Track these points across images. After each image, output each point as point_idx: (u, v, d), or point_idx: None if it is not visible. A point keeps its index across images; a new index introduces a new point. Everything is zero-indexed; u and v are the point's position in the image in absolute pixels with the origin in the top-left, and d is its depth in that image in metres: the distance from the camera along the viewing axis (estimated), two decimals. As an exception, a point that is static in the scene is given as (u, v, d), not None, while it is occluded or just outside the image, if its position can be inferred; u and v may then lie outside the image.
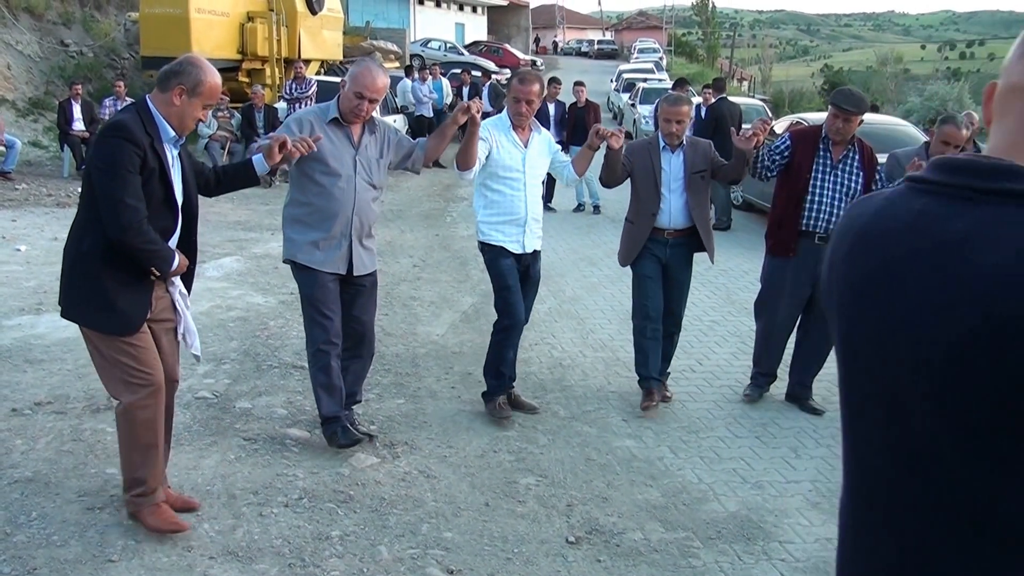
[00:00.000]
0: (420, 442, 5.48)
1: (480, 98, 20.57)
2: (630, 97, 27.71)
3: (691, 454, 5.50)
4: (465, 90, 21.87)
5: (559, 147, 6.15)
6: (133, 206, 3.87)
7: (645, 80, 30.36)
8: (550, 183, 14.35)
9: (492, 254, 5.79)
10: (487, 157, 5.62)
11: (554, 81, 15.34)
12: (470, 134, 5.33)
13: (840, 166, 5.96)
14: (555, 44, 76.23)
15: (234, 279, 9.26)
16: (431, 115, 20.56)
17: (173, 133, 4.07)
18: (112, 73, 22.11)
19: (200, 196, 4.43)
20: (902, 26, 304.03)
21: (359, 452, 5.24)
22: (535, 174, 5.83)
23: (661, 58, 55.64)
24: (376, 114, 5.24)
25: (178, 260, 4.13)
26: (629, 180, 6.12)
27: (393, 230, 12.54)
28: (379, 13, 43.03)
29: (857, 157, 5.99)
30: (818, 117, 13.97)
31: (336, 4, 24.45)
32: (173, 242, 4.14)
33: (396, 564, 4.16)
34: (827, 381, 6.37)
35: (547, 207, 14.46)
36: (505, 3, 62.33)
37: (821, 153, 5.99)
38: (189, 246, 4.30)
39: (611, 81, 37.39)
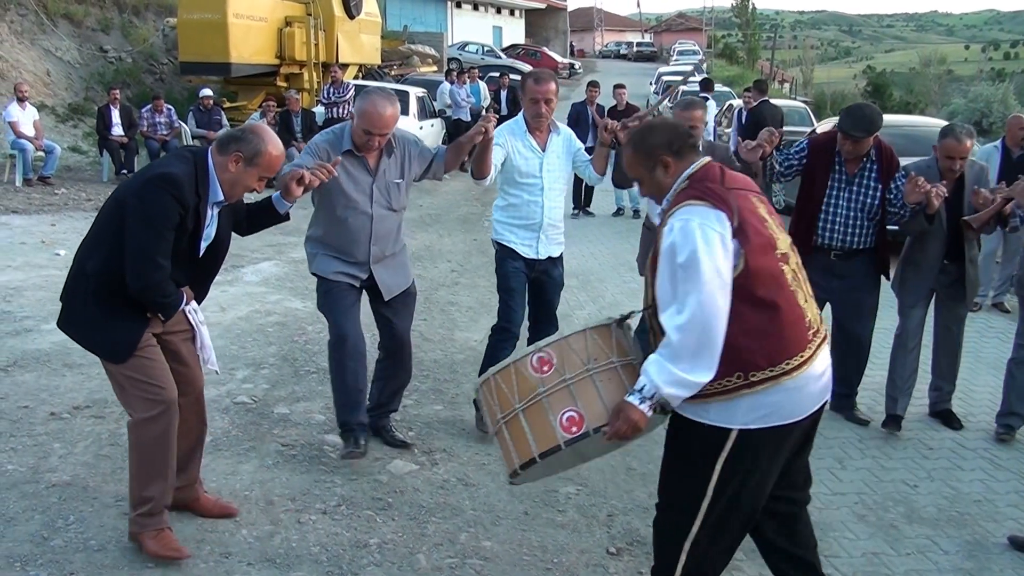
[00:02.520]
0: (458, 449, 5.43)
1: (501, 105, 20.52)
2: (669, 100, 27.56)
3: (734, 463, 5.38)
4: (503, 93, 21.86)
5: (581, 145, 5.92)
6: (162, 265, 3.80)
7: (685, 82, 30.16)
8: (588, 188, 14.26)
9: (502, 254, 5.67)
10: (503, 163, 5.48)
11: (593, 85, 15.24)
12: (483, 146, 5.16)
13: (857, 180, 5.72)
14: (571, 49, 74.36)
15: (272, 284, 9.27)
16: (469, 119, 20.52)
17: (222, 197, 3.97)
18: (151, 78, 22.34)
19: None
20: (945, 26, 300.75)
21: (397, 459, 5.21)
22: (555, 178, 5.63)
23: (701, 60, 55.35)
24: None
25: (184, 300, 4.08)
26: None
27: (431, 234, 12.52)
28: (417, 17, 43.23)
29: (875, 168, 5.71)
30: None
31: (374, 8, 24.55)
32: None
33: (434, 573, 4.12)
34: (871, 391, 6.25)
35: (586, 212, 14.43)
36: (543, 6, 62.33)
37: (836, 167, 5.75)
38: (203, 287, 4.26)
39: (650, 84, 37.26)
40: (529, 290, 5.75)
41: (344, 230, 4.98)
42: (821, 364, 3.18)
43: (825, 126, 14.33)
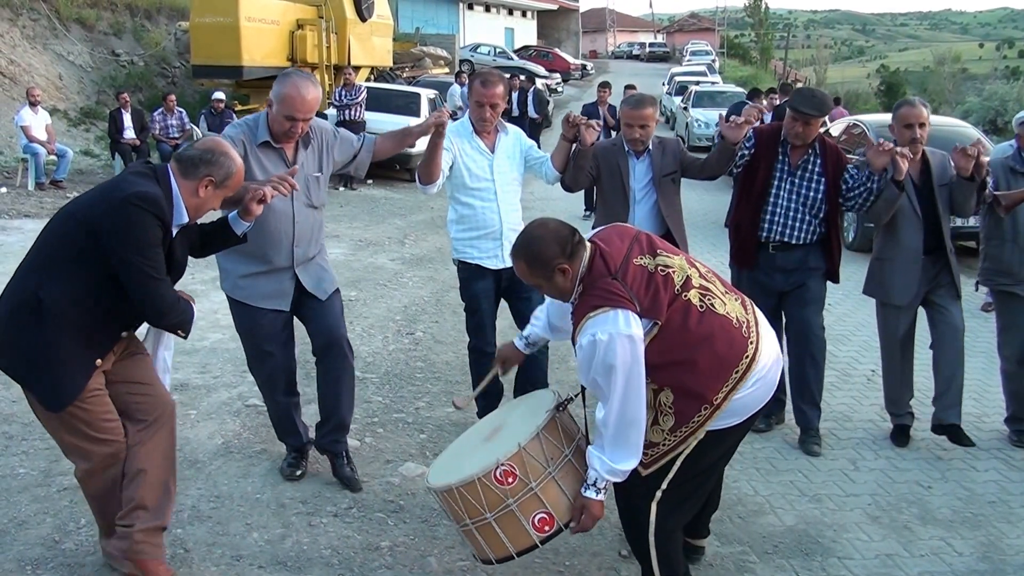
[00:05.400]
0: (470, 451, 5.41)
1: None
2: (682, 100, 27.54)
3: (747, 466, 5.37)
4: (514, 95, 21.82)
5: (532, 142, 5.68)
6: (168, 283, 3.61)
7: (698, 83, 30.17)
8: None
9: (467, 274, 5.40)
10: (451, 168, 5.20)
11: (604, 85, 15.20)
12: (433, 144, 4.88)
13: (798, 172, 5.49)
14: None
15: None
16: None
17: (186, 219, 3.70)
18: (163, 82, 22.44)
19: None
20: (959, 24, 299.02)
21: (409, 462, 5.21)
22: (507, 180, 5.34)
23: (713, 60, 55.30)
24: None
25: (193, 309, 3.84)
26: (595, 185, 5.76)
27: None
28: (429, 19, 43.30)
29: (818, 162, 5.48)
30: (876, 119, 13.77)
31: (386, 10, 24.57)
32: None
33: (446, 576, 4.11)
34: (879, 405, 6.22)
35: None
36: (555, 7, 62.35)
37: (780, 157, 5.52)
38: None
39: (663, 84, 37.18)
40: (506, 301, 5.55)
41: (263, 233, 4.45)
42: (766, 353, 3.43)
43: (839, 126, 14.26)
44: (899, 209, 5.43)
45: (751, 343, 3.36)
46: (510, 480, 3.37)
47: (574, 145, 5.34)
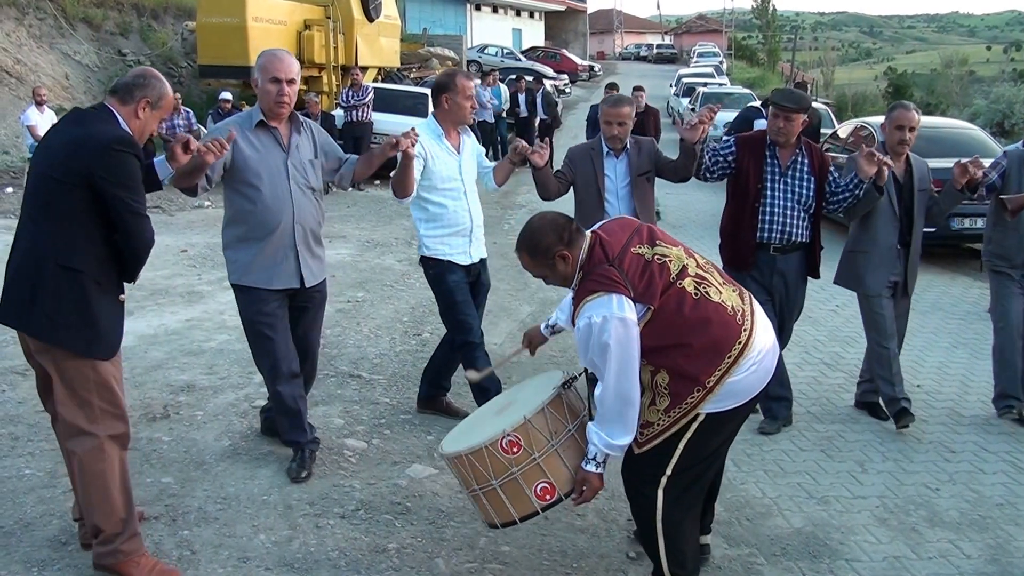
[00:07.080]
0: (477, 453, 5.40)
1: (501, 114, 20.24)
2: (690, 101, 27.49)
3: (754, 467, 5.37)
4: (521, 97, 21.81)
5: (483, 149, 5.93)
6: (149, 220, 3.80)
7: (705, 84, 30.14)
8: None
9: (438, 269, 5.51)
10: (422, 171, 5.32)
11: (611, 87, 15.17)
12: (404, 165, 5.05)
13: (789, 172, 5.65)
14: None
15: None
16: (492, 120, 20.40)
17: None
18: (169, 81, 22.38)
19: None
20: (967, 27, 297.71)
21: (416, 463, 5.20)
22: (471, 179, 5.57)
23: (721, 62, 55.26)
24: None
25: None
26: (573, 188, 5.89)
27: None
28: (436, 20, 43.29)
29: (806, 162, 5.67)
30: (881, 121, 13.74)
31: (393, 11, 24.57)
32: None
33: (453, 578, 4.10)
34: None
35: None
36: (563, 8, 62.35)
37: (768, 160, 5.67)
38: None
39: (671, 86, 37.21)
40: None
41: (264, 211, 4.65)
42: (761, 340, 3.56)
43: (847, 128, 14.23)
44: (879, 207, 5.74)
45: (744, 330, 3.50)
46: (515, 450, 3.61)
47: (530, 168, 5.59)
